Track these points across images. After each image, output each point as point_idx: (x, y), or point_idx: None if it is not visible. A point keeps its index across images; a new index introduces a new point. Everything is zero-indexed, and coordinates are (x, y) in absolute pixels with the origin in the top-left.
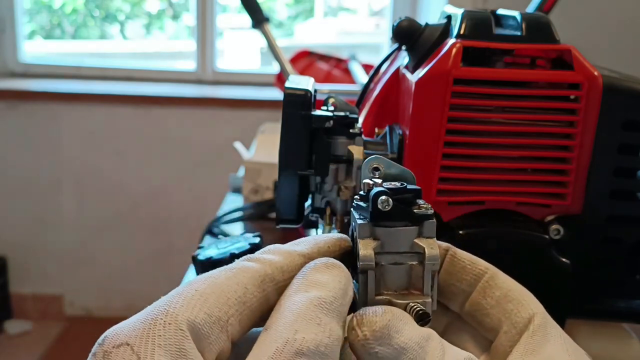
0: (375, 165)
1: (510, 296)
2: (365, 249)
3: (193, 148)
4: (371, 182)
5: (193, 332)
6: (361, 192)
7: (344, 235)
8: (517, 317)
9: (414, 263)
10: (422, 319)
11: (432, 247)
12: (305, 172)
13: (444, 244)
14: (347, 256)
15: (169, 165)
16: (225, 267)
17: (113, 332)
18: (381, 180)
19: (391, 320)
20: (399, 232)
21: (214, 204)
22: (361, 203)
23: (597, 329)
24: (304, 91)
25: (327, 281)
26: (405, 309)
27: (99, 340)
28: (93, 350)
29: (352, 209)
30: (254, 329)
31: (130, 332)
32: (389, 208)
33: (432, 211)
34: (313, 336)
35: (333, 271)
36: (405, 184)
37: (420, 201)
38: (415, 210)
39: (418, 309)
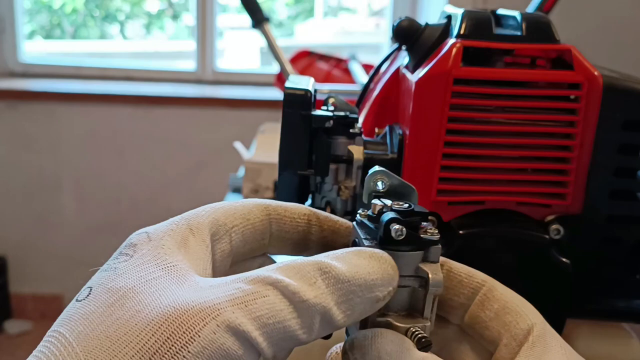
0: (379, 178)
1: (508, 308)
2: None
3: (193, 148)
4: (380, 204)
5: (198, 231)
6: (369, 212)
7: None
8: (516, 329)
9: (416, 286)
10: (423, 345)
11: (436, 272)
12: (305, 172)
13: (442, 259)
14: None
15: (169, 165)
16: None
17: (141, 229)
18: (390, 202)
19: (382, 344)
20: (406, 256)
21: None
22: (366, 221)
23: (597, 329)
24: (304, 91)
25: (372, 269)
26: (405, 334)
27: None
28: None
29: (355, 224)
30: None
31: (153, 227)
32: (402, 237)
33: (439, 236)
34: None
35: (384, 266)
36: (412, 205)
37: (427, 224)
38: (422, 236)
39: (419, 335)
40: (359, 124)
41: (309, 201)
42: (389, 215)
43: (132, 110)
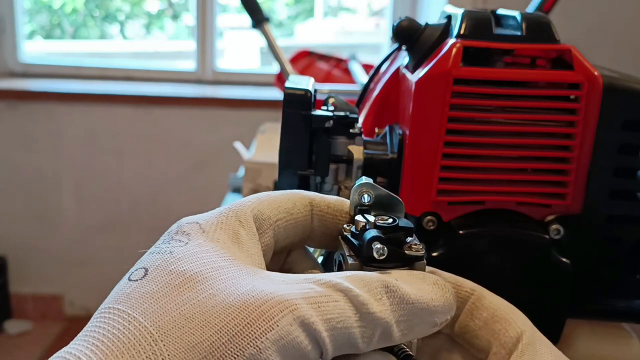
0: (365, 191)
1: (497, 316)
2: None
3: (193, 148)
4: (363, 221)
5: (247, 223)
6: (352, 229)
7: None
8: (505, 337)
9: None
10: None
11: None
12: (305, 172)
13: (430, 269)
14: None
15: (169, 165)
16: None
17: (189, 218)
18: (374, 218)
19: None
20: None
21: (214, 204)
22: (350, 237)
23: (597, 329)
24: (304, 91)
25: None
26: (391, 351)
27: (177, 222)
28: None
29: (340, 239)
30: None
31: (202, 217)
32: (384, 257)
33: (423, 251)
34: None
35: (442, 292)
36: (397, 220)
37: (411, 239)
38: (406, 252)
39: (405, 353)
40: (359, 124)
41: None
42: (371, 233)
43: (132, 110)
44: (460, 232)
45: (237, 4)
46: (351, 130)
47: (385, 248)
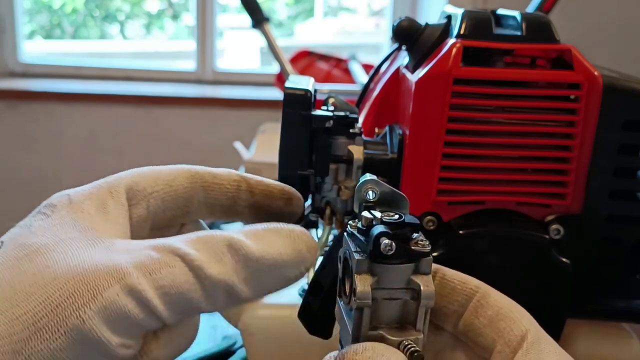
0: (369, 188)
1: (502, 314)
2: (363, 285)
3: (193, 148)
4: (370, 216)
5: (118, 194)
6: (359, 224)
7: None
8: (510, 336)
9: (408, 298)
10: (415, 358)
11: (428, 284)
12: (305, 172)
13: (435, 266)
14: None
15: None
16: None
17: (63, 191)
18: (380, 214)
19: (371, 358)
20: (397, 269)
21: None
22: (357, 233)
23: (597, 329)
24: (304, 91)
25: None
26: (398, 347)
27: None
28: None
29: (346, 235)
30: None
31: (75, 190)
32: (391, 252)
33: (429, 247)
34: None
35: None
36: (403, 216)
37: (417, 235)
38: (413, 248)
39: (412, 348)
40: (359, 124)
41: (309, 201)
42: (378, 229)
43: (132, 110)
44: (460, 232)
45: (237, 4)
46: (351, 130)
47: (393, 244)
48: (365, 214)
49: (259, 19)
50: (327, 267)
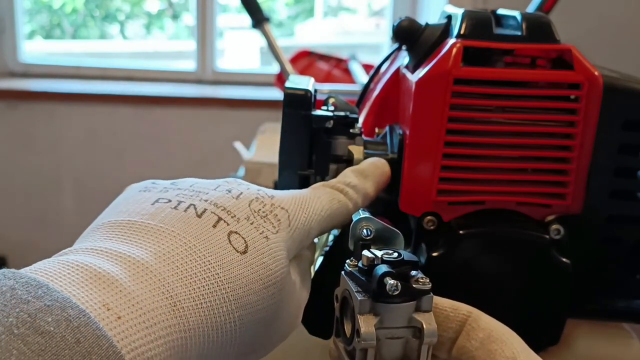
0: (365, 226)
1: (493, 336)
2: (367, 326)
3: (193, 148)
4: (371, 256)
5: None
6: (359, 264)
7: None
8: (501, 357)
9: (410, 337)
10: None
11: (430, 322)
12: (305, 172)
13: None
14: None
15: (168, 165)
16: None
17: (281, 198)
18: (380, 252)
19: None
20: (399, 308)
21: None
22: (357, 273)
23: (597, 329)
24: (304, 91)
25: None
26: None
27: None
28: None
29: (344, 275)
30: None
31: (291, 207)
32: (397, 293)
33: (430, 285)
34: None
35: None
36: (402, 254)
37: (416, 272)
38: (414, 286)
39: None
40: (359, 124)
41: None
42: (382, 269)
43: (132, 110)
44: (460, 232)
45: (237, 4)
46: (351, 130)
47: (399, 284)
48: (366, 253)
49: (259, 19)
50: (327, 267)
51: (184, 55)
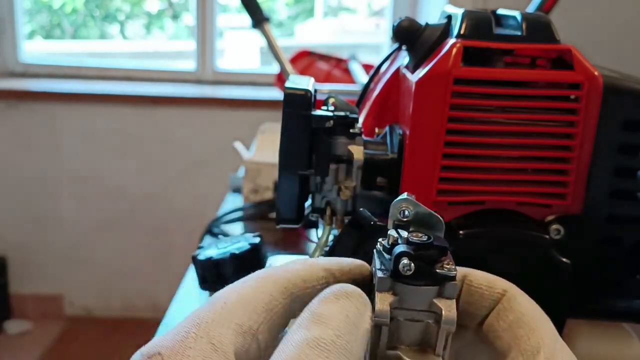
0: (404, 207)
1: (523, 321)
2: (382, 303)
3: (193, 148)
4: (395, 236)
5: (222, 345)
6: (385, 243)
7: (366, 264)
8: (526, 345)
9: (430, 321)
10: None
11: (450, 309)
12: (305, 172)
13: (462, 271)
14: (369, 282)
15: (168, 165)
16: (248, 276)
17: (149, 345)
18: (407, 233)
19: None
20: (419, 290)
21: (214, 204)
22: (383, 251)
23: (597, 329)
24: (304, 91)
25: (333, 316)
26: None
27: (135, 354)
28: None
29: (375, 252)
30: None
31: (164, 343)
32: (410, 273)
33: (455, 272)
34: None
35: (342, 303)
36: (432, 237)
37: (444, 258)
38: (438, 271)
39: None
40: (359, 124)
41: (309, 201)
42: (400, 248)
43: (132, 110)
44: (461, 232)
45: (237, 4)
46: (351, 130)
47: (413, 264)
48: (392, 232)
49: (259, 19)
50: None
51: (184, 55)
